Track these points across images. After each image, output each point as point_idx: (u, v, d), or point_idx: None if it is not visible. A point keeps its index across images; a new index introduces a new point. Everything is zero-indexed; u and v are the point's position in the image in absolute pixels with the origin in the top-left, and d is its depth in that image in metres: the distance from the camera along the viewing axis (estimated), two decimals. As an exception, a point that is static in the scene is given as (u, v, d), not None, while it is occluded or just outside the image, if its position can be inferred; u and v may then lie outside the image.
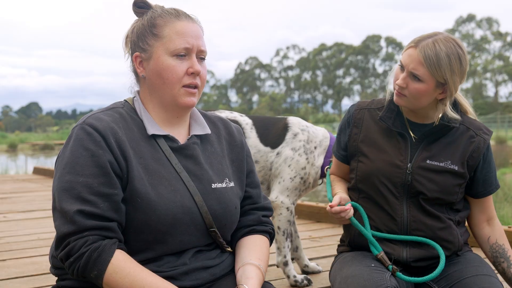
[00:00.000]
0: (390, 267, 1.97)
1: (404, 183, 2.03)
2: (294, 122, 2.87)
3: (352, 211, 2.03)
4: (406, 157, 2.06)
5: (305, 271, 3.06)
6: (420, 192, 2.02)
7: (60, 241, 1.48)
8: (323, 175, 2.86)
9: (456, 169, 2.04)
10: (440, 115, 2.06)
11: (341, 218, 2.02)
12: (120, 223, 1.52)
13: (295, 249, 3.06)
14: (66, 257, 1.47)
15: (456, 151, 2.06)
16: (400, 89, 1.99)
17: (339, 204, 2.03)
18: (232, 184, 1.72)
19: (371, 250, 2.03)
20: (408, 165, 2.04)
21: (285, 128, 2.84)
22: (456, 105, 2.10)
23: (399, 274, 1.95)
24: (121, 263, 1.46)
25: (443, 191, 2.03)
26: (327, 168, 2.77)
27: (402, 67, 1.99)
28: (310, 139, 2.84)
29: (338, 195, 2.08)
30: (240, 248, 1.72)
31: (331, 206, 1.99)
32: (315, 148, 2.85)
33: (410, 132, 2.08)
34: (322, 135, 2.90)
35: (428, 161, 2.04)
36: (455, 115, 2.04)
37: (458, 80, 1.97)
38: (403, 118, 2.11)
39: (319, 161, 2.85)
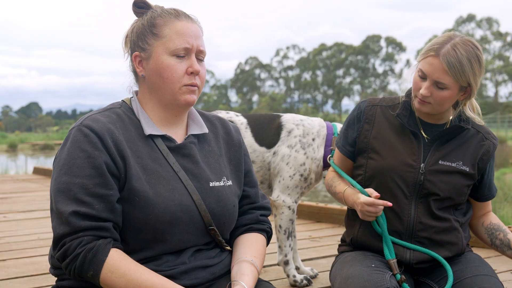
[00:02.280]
0: (398, 276, 1.95)
1: (416, 182, 2.03)
2: (288, 118, 2.85)
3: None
4: (419, 156, 2.05)
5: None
6: (432, 192, 2.02)
7: (57, 242, 1.49)
8: (327, 165, 2.82)
9: (467, 170, 2.05)
10: (451, 117, 2.07)
11: (375, 214, 1.99)
12: (116, 223, 1.52)
13: None
14: (62, 258, 1.48)
15: (467, 153, 2.06)
16: (424, 98, 1.98)
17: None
18: (229, 182, 1.72)
19: (384, 253, 2.01)
20: (421, 165, 2.04)
21: (279, 127, 2.82)
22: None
23: (405, 285, 1.95)
24: (116, 262, 1.46)
25: (455, 191, 2.03)
26: (330, 157, 2.72)
27: (423, 76, 1.98)
28: (306, 132, 2.81)
29: (370, 188, 2.03)
30: (236, 246, 1.73)
31: (377, 197, 1.97)
32: (313, 140, 2.81)
33: (422, 132, 2.09)
34: (319, 125, 2.85)
35: (440, 162, 2.04)
36: (472, 114, 2.06)
37: (479, 80, 1.98)
38: (416, 118, 2.11)
39: (320, 152, 2.81)
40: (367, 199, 1.98)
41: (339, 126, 2.88)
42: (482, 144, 2.08)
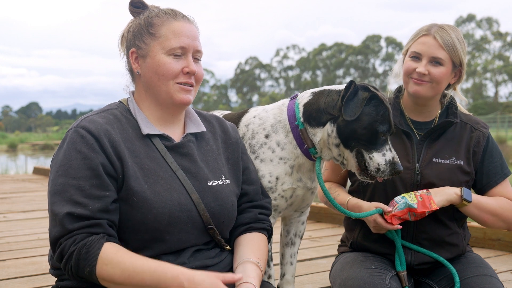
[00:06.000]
0: None
1: (413, 183, 2.03)
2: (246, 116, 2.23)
3: None
4: (412, 157, 2.05)
5: None
6: None
7: (53, 244, 1.50)
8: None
9: (462, 163, 2.05)
10: (440, 112, 2.09)
11: (387, 229, 1.98)
12: (112, 222, 1.51)
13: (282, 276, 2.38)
14: (59, 259, 1.48)
15: (459, 147, 2.07)
16: (421, 76, 2.00)
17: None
18: (228, 181, 1.72)
19: (395, 264, 2.02)
20: (416, 165, 2.04)
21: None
22: (454, 103, 2.12)
23: None
24: (110, 254, 1.45)
25: (452, 187, 2.02)
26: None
27: (417, 57, 2.01)
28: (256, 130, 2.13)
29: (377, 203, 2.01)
30: (238, 246, 1.72)
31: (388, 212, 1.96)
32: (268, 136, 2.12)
33: (414, 130, 2.09)
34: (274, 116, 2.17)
35: (434, 159, 2.04)
36: (464, 97, 2.13)
37: (466, 62, 2.05)
38: (405, 117, 2.11)
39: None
40: (385, 225, 1.95)
41: (304, 98, 2.05)
42: (471, 135, 2.09)
